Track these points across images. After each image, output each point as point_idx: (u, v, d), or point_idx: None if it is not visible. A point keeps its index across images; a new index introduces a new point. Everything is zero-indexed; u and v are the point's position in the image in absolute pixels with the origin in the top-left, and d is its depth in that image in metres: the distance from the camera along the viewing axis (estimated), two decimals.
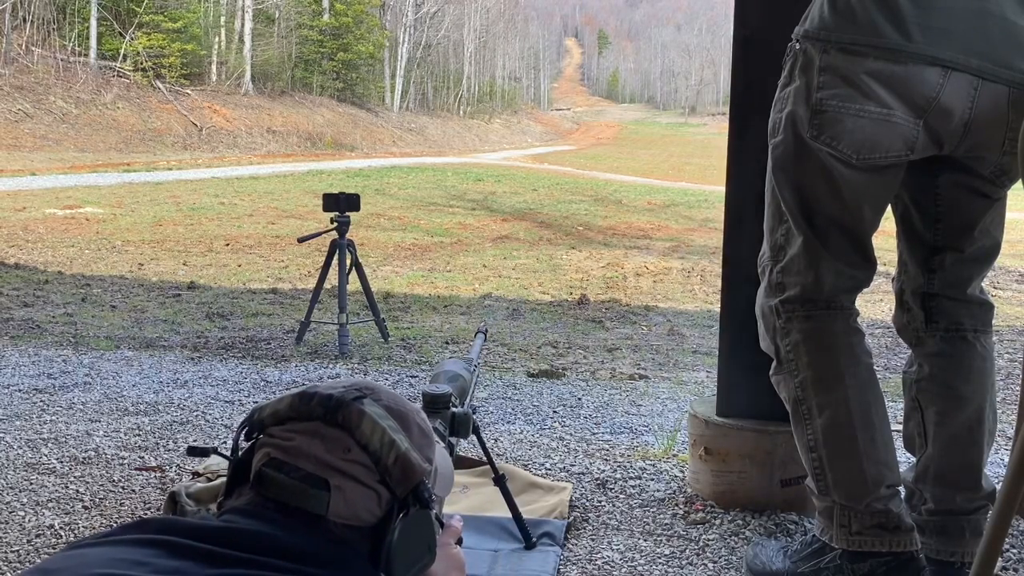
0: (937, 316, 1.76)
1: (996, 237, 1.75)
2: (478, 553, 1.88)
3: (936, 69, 1.50)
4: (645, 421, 3.03)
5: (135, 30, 31.01)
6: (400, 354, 4.25)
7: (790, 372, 1.70)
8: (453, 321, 5.53)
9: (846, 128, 1.55)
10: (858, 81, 1.53)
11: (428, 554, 0.99)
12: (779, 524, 2.06)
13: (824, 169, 1.60)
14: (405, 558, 0.94)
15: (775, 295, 1.70)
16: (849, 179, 1.59)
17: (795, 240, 1.67)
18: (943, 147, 1.58)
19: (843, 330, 1.68)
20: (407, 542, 0.94)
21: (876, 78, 1.52)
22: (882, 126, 1.53)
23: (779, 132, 1.64)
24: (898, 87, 1.52)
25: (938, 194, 1.71)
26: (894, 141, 1.54)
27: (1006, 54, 1.51)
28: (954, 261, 1.73)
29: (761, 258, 1.75)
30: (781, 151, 1.65)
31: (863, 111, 1.54)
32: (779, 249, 1.69)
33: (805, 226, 1.65)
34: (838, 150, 1.57)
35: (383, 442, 0.92)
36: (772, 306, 1.70)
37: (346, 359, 4.07)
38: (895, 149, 1.55)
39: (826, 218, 1.64)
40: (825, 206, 1.63)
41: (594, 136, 60.68)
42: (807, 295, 1.67)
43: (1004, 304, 6.45)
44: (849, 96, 1.54)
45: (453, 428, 1.20)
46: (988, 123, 1.53)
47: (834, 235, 1.64)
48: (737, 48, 2.18)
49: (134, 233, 9.96)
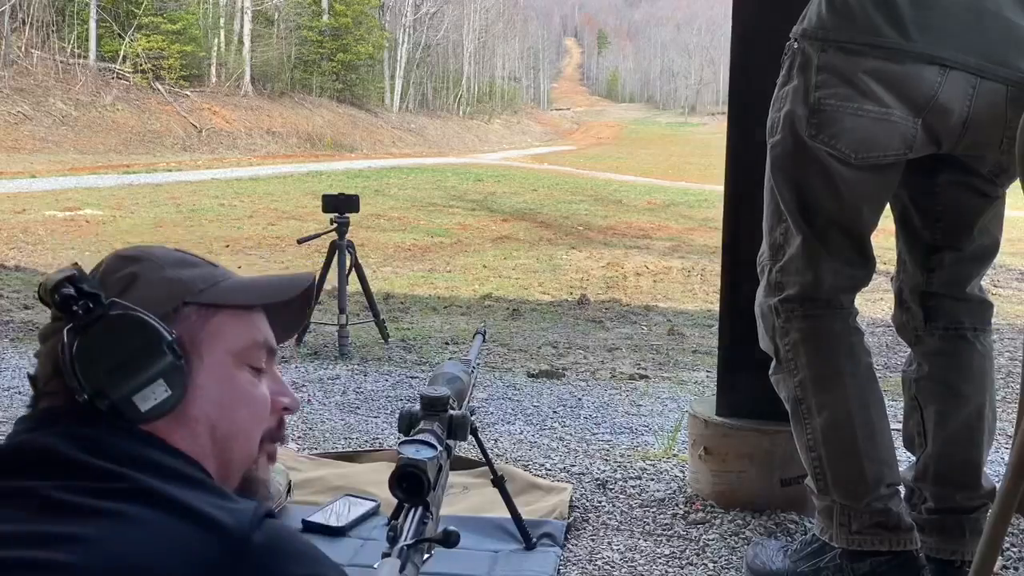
0: (936, 315, 1.76)
1: (995, 235, 1.75)
2: (478, 554, 1.88)
3: (934, 68, 1.50)
4: (645, 421, 3.03)
5: (134, 32, 31.02)
6: (400, 355, 4.25)
7: (789, 371, 1.70)
8: (453, 322, 5.52)
9: (845, 127, 1.54)
10: (856, 80, 1.53)
11: (143, 373, 0.83)
12: (779, 524, 2.06)
13: (823, 168, 1.59)
14: (95, 371, 0.82)
15: (774, 294, 1.70)
16: (848, 178, 1.59)
17: (794, 239, 1.66)
18: (941, 145, 1.57)
19: (843, 329, 1.68)
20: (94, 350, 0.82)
21: (874, 77, 1.52)
22: (881, 125, 1.53)
23: (777, 131, 1.64)
24: (896, 86, 1.52)
25: (937, 193, 1.70)
26: (892, 140, 1.54)
27: (1004, 52, 1.51)
28: (953, 260, 1.73)
29: (760, 257, 1.75)
30: (779, 150, 1.64)
31: (861, 110, 1.53)
32: (778, 248, 1.69)
33: (804, 225, 1.64)
34: (837, 149, 1.56)
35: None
36: (771, 305, 1.70)
37: (346, 360, 4.06)
38: (893, 148, 1.55)
39: (825, 217, 1.63)
40: (824, 205, 1.62)
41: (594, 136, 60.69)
42: (806, 294, 1.66)
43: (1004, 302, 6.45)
44: (847, 95, 1.54)
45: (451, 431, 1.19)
46: (986, 121, 1.53)
47: (833, 234, 1.64)
48: (735, 47, 2.18)
49: (134, 235, 9.97)
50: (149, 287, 0.89)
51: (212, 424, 0.89)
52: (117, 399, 0.83)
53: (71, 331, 0.83)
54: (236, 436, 0.91)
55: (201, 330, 0.90)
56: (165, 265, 0.92)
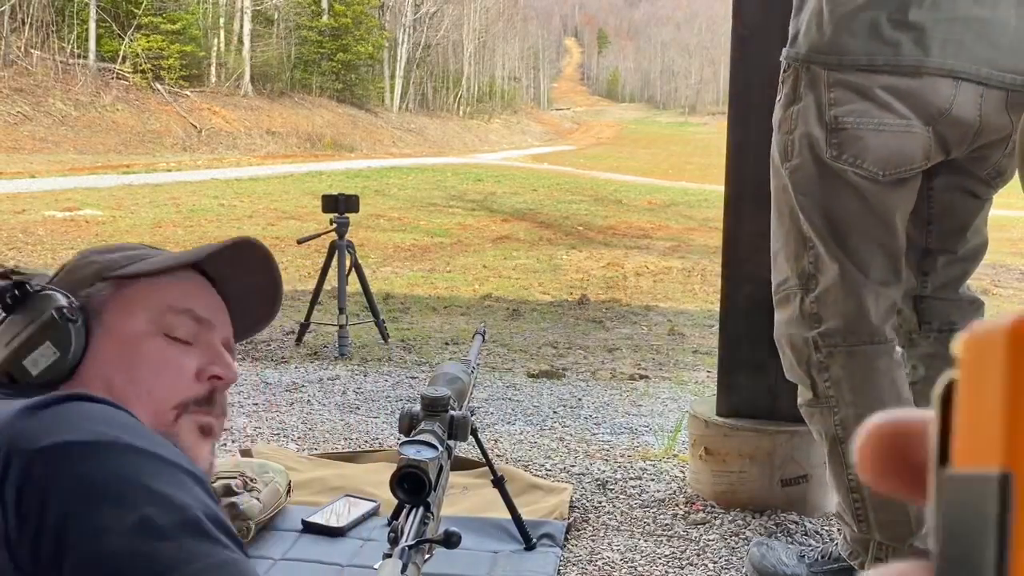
0: (929, 317, 1.76)
1: (985, 235, 1.75)
2: (478, 554, 1.88)
3: (949, 80, 1.49)
4: (645, 421, 3.03)
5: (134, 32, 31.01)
6: (400, 355, 4.25)
7: (829, 408, 1.64)
8: (453, 322, 5.52)
9: (868, 145, 1.52)
10: (873, 95, 1.50)
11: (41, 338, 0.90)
12: (779, 524, 2.06)
13: (851, 188, 1.55)
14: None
15: (810, 327, 1.63)
16: (878, 195, 1.55)
17: (827, 267, 1.60)
18: (950, 153, 1.56)
19: (887, 366, 1.62)
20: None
21: (891, 91, 1.50)
22: (904, 138, 1.51)
23: (794, 155, 1.59)
24: (912, 99, 1.50)
25: (931, 197, 1.70)
26: (916, 152, 1.52)
27: (1008, 59, 1.51)
28: (946, 263, 1.73)
29: (783, 285, 1.68)
30: (800, 175, 1.59)
31: (883, 124, 1.50)
32: (809, 277, 1.62)
33: (839, 252, 1.59)
34: (863, 168, 1.53)
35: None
36: (808, 338, 1.63)
37: (346, 360, 4.06)
38: (917, 160, 1.53)
39: (860, 238, 1.58)
40: (858, 226, 1.58)
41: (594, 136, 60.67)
42: (850, 327, 1.60)
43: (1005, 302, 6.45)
44: (865, 111, 1.51)
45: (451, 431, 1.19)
46: (994, 128, 1.53)
47: (870, 255, 1.59)
48: (735, 46, 2.18)
49: (134, 235, 9.95)
50: (77, 271, 0.99)
51: (108, 385, 0.93)
52: (13, 364, 0.90)
53: (2, 318, 0.94)
54: (134, 398, 0.93)
55: (111, 300, 0.96)
56: (102, 252, 1.01)
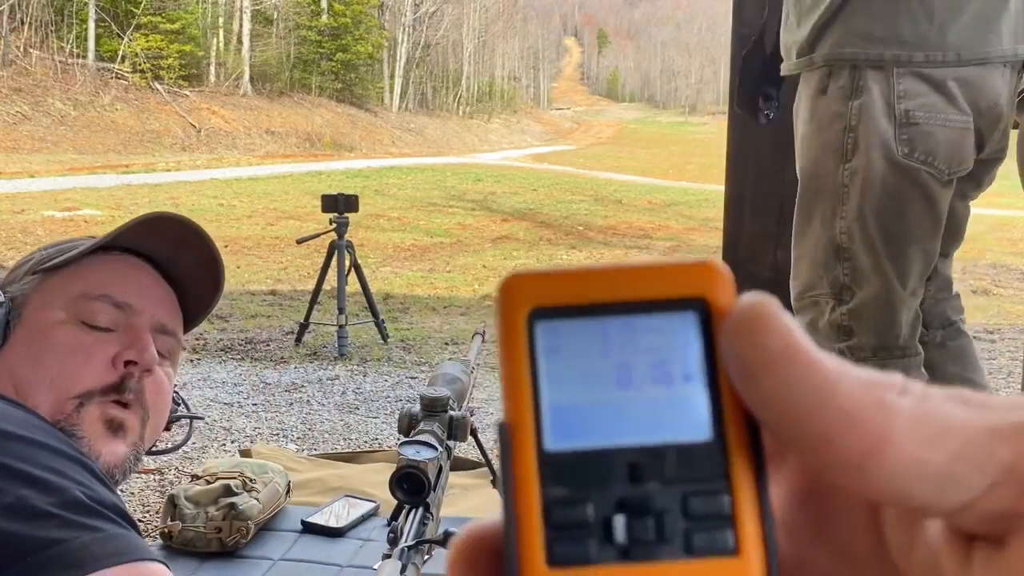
0: (929, 318, 1.76)
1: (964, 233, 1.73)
2: None
3: (998, 68, 1.42)
4: None
5: (133, 32, 31.02)
6: (399, 355, 4.24)
7: None
8: (453, 322, 5.52)
9: (939, 141, 1.42)
10: (946, 88, 1.41)
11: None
12: None
13: (919, 190, 1.44)
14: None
15: (839, 338, 1.56)
16: (941, 197, 1.46)
17: (868, 282, 1.50)
18: (983, 150, 1.50)
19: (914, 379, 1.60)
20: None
21: (960, 83, 1.41)
22: (965, 135, 1.43)
23: (854, 154, 1.46)
24: (973, 91, 1.43)
25: None
26: (969, 149, 1.45)
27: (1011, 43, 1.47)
28: (943, 266, 1.73)
29: (808, 291, 1.58)
30: (862, 178, 1.45)
31: (949, 120, 1.42)
32: (843, 288, 1.53)
33: (887, 264, 1.49)
34: (934, 167, 1.43)
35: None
36: (835, 349, 1.56)
37: (345, 360, 4.06)
38: (968, 158, 1.46)
39: (915, 245, 1.48)
40: (915, 232, 1.48)
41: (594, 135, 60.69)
42: (881, 342, 1.54)
43: (1005, 302, 6.44)
44: (934, 105, 1.42)
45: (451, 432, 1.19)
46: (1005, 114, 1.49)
47: (918, 265, 1.51)
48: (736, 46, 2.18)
49: None
50: (17, 268, 1.04)
51: (15, 377, 0.95)
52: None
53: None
54: (35, 389, 0.95)
55: (33, 292, 1.00)
56: (46, 248, 1.06)
